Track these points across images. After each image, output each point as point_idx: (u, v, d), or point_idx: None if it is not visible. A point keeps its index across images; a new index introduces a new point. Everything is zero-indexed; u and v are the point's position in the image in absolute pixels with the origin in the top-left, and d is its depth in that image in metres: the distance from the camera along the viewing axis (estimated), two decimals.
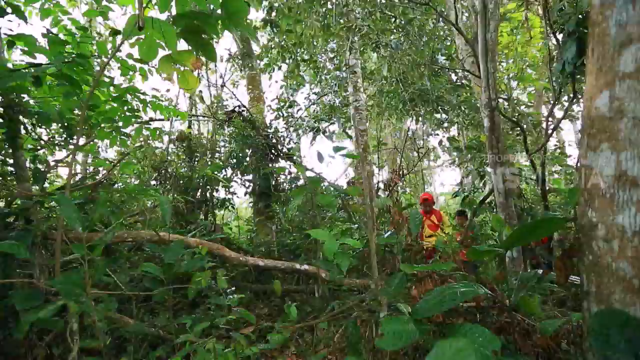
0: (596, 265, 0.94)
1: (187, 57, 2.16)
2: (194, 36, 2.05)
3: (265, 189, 4.43)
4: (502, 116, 3.33)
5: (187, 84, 2.18)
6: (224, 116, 4.48)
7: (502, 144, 3.16)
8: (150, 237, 2.70)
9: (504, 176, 3.18)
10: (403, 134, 11.40)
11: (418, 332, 1.25)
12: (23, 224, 2.12)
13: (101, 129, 2.39)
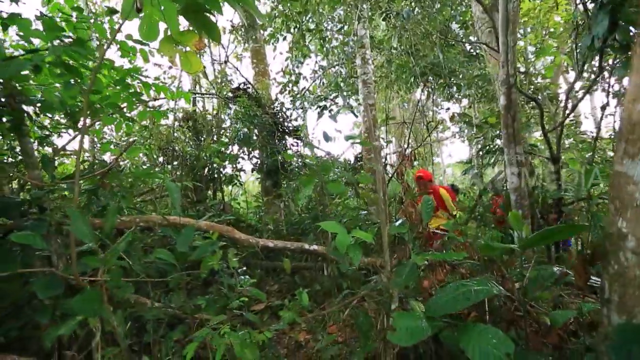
0: (622, 276, 0.91)
1: (190, 38, 2.04)
2: (196, 15, 1.93)
3: (272, 167, 4.40)
4: (519, 92, 3.17)
5: (190, 66, 2.08)
6: (229, 94, 4.35)
7: (517, 122, 3.03)
8: (161, 221, 2.73)
9: (517, 156, 3.09)
10: (411, 105, 11.08)
11: (431, 328, 1.26)
12: (37, 213, 2.15)
13: (105, 114, 2.34)
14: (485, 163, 4.33)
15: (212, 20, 1.94)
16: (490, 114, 4.78)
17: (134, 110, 2.52)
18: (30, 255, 2.04)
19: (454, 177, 18.55)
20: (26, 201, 2.14)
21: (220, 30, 4.72)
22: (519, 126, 3.03)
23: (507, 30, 2.83)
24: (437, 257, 1.77)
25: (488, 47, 3.48)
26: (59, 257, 2.08)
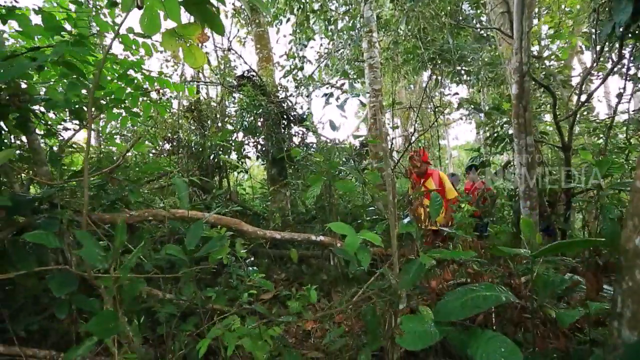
0: (635, 294, 0.90)
1: (193, 31, 1.99)
2: (197, 7, 1.86)
3: (279, 156, 4.37)
4: (532, 80, 3.06)
5: (194, 60, 2.03)
6: (233, 82, 4.27)
7: (529, 112, 2.95)
8: (170, 215, 2.76)
9: (528, 147, 3.03)
10: (418, 87, 10.83)
11: (439, 333, 1.28)
12: (48, 209, 2.18)
13: (110, 110, 2.32)
14: (494, 151, 4.26)
15: (215, 11, 1.88)
16: (499, 99, 4.66)
17: (138, 104, 2.49)
18: (44, 252, 2.09)
19: (460, 160, 18.37)
20: (37, 198, 2.17)
21: (222, 14, 4.49)
22: (530, 116, 2.95)
23: (523, 15, 2.70)
24: (445, 256, 1.77)
25: (501, 33, 3.34)
26: (71, 253, 2.12)
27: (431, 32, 4.49)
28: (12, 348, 1.78)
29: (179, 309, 2.42)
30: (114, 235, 2.50)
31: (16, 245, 1.97)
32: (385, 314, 1.74)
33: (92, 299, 1.97)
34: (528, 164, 3.03)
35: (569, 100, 3.86)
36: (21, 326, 1.93)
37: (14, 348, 1.78)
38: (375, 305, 1.72)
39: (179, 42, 1.98)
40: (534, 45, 4.19)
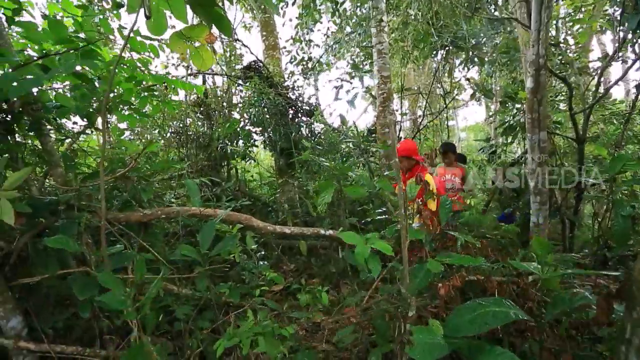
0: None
1: (200, 32, 1.96)
2: (204, 9, 1.82)
3: (286, 146, 4.37)
4: (549, 72, 2.95)
5: (202, 62, 2.01)
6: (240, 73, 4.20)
7: (544, 107, 2.87)
8: (182, 212, 2.81)
9: (541, 142, 2.97)
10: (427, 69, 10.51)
11: (448, 347, 1.33)
12: (65, 210, 2.24)
13: (119, 111, 2.32)
14: (505, 142, 4.18)
15: (222, 14, 1.84)
16: (512, 86, 4.52)
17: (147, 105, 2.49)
18: (64, 253, 2.16)
19: (468, 142, 18.05)
20: (54, 201, 2.22)
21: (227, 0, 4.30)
22: (545, 111, 2.87)
23: (542, 5, 2.57)
24: (454, 262, 1.79)
25: (519, 23, 3.18)
26: (90, 255, 2.20)
27: (443, 15, 4.29)
28: (42, 345, 1.89)
29: (195, 304, 2.52)
30: (129, 234, 2.58)
31: (38, 249, 2.05)
32: (395, 317, 1.79)
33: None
34: (540, 160, 2.99)
35: (585, 90, 3.72)
36: (48, 324, 2.04)
37: (43, 345, 1.89)
38: (385, 310, 1.77)
39: (187, 43, 1.95)
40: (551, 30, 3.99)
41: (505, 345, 1.48)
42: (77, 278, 1.96)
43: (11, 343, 1.82)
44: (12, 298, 1.86)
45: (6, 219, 1.27)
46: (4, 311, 1.82)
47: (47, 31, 1.90)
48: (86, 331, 2.31)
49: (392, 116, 5.44)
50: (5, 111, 1.91)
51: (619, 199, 2.92)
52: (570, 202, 3.85)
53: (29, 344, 1.86)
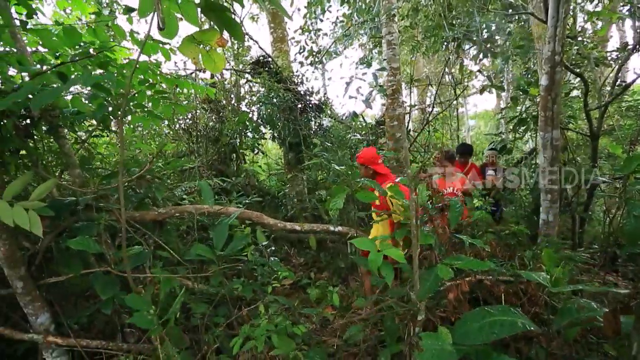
0: None
1: (211, 37, 1.96)
2: (217, 14, 1.83)
3: (295, 141, 4.38)
4: (565, 68, 2.88)
5: (214, 65, 2.02)
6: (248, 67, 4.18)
7: (558, 105, 2.82)
8: (195, 210, 2.88)
9: (553, 141, 2.94)
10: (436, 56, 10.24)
11: (456, 353, 1.38)
12: (84, 210, 2.32)
13: (133, 114, 2.36)
14: (516, 136, 4.12)
15: (233, 18, 1.84)
16: (524, 78, 4.42)
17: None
18: (86, 253, 2.26)
19: (477, 129, 17.72)
20: (74, 202, 2.30)
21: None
22: (559, 109, 2.82)
23: (560, 1, 2.49)
24: (464, 266, 1.83)
25: (535, 17, 3.08)
26: (111, 254, 2.29)
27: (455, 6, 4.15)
28: (69, 340, 2.01)
29: (209, 300, 2.62)
30: (145, 232, 2.65)
31: (61, 248, 2.14)
32: (404, 318, 1.85)
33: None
34: (552, 158, 2.96)
35: (602, 85, 3.60)
36: (73, 320, 2.15)
37: (70, 340, 2.01)
38: (395, 312, 1.83)
39: (198, 48, 1.96)
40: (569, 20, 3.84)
41: (512, 351, 1.52)
42: (98, 277, 2.06)
43: (41, 338, 1.93)
44: (40, 296, 1.97)
45: (35, 230, 1.34)
46: (33, 308, 1.93)
47: (62, 37, 1.92)
48: (107, 325, 2.43)
49: (401, 109, 5.38)
50: (25, 117, 1.96)
51: (631, 198, 2.89)
52: (581, 197, 3.82)
53: (57, 338, 1.97)
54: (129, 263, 2.05)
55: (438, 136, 6.65)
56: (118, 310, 2.37)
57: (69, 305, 2.31)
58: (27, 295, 1.89)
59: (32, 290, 1.92)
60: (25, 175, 1.43)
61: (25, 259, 1.95)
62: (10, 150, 1.91)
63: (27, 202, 1.40)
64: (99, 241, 2.25)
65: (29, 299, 1.91)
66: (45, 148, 2.32)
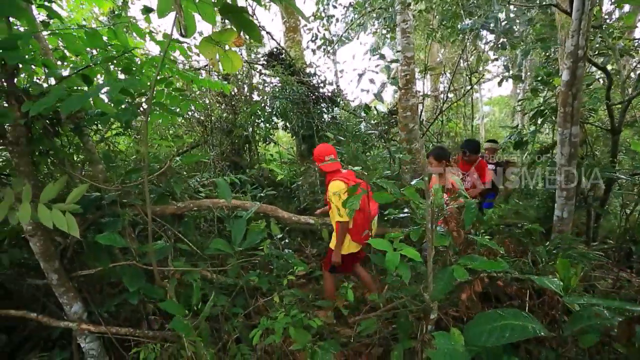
0: None
1: (229, 37, 1.98)
2: (234, 15, 1.85)
3: (308, 133, 4.40)
4: (589, 62, 2.79)
5: (231, 65, 2.05)
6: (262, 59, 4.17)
7: (579, 101, 2.75)
8: (212, 204, 2.97)
9: (572, 137, 2.88)
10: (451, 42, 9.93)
11: (468, 354, 1.44)
12: (109, 205, 2.43)
13: (152, 112, 2.42)
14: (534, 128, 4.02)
15: (251, 20, 1.86)
16: (544, 69, 4.29)
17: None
18: (113, 248, 2.38)
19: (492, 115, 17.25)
20: (99, 197, 2.40)
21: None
22: (579, 105, 2.75)
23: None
24: (478, 267, 1.86)
25: (559, 9, 2.96)
26: (135, 248, 2.40)
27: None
28: (100, 327, 2.15)
29: (227, 291, 2.74)
30: (165, 225, 2.75)
31: (89, 242, 2.26)
32: (417, 316, 1.91)
33: (156, 287, 2.28)
34: (570, 155, 2.91)
35: (627, 78, 3.46)
36: (102, 309, 2.30)
37: (101, 327, 2.15)
38: (409, 310, 1.89)
39: (216, 48, 1.98)
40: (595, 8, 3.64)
41: (522, 352, 1.57)
42: (126, 270, 2.18)
43: (75, 325, 2.08)
44: (72, 287, 2.10)
45: (73, 232, 1.43)
46: (67, 298, 2.06)
47: (84, 39, 1.97)
48: (133, 313, 2.58)
49: (414, 99, 5.30)
50: (52, 118, 2.04)
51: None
52: (598, 191, 3.76)
53: (90, 326, 2.12)
54: (154, 257, 2.15)
55: (451, 126, 6.54)
56: (143, 300, 2.51)
57: (97, 295, 2.46)
58: (61, 286, 2.02)
59: (66, 281, 2.04)
60: (60, 180, 1.51)
61: (58, 253, 2.07)
62: (40, 150, 1.99)
63: (63, 205, 1.49)
64: (123, 235, 2.37)
65: (63, 289, 2.04)
66: (70, 146, 2.40)
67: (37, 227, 1.85)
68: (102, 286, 2.48)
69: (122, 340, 2.33)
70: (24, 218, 1.35)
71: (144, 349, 2.04)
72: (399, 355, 1.83)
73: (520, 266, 2.51)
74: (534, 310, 2.18)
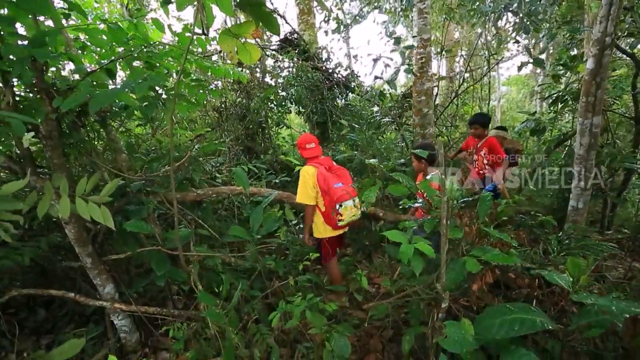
0: None
1: (247, 29, 2.00)
2: (253, 9, 1.86)
3: (322, 119, 4.40)
4: (616, 48, 2.68)
5: (249, 57, 2.08)
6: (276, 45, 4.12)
7: (602, 90, 2.67)
8: (230, 191, 3.07)
9: (593, 128, 2.83)
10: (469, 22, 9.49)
11: (476, 342, 1.52)
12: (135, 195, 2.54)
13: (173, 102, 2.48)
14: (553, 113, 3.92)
15: (270, 12, 1.87)
16: (567, 53, 4.13)
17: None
18: (139, 234, 2.52)
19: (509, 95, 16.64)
20: (123, 185, 2.52)
21: None
22: (602, 94, 2.68)
23: None
24: (489, 259, 1.91)
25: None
26: (159, 234, 2.54)
27: None
28: (130, 306, 2.33)
29: (246, 274, 2.88)
30: (185, 211, 2.87)
31: (117, 230, 2.40)
32: (429, 304, 2.00)
33: (180, 270, 2.43)
34: (589, 146, 2.86)
35: None
36: (132, 289, 2.47)
37: (132, 306, 2.33)
38: (421, 298, 1.98)
39: (235, 40, 2.00)
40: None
41: (529, 342, 1.65)
42: (152, 255, 2.32)
43: (109, 304, 2.25)
44: (104, 269, 2.26)
45: (108, 223, 1.54)
46: (100, 280, 2.23)
47: (107, 33, 2.01)
48: (159, 293, 2.76)
49: (429, 83, 5.19)
50: (79, 111, 2.12)
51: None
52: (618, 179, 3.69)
53: (122, 305, 2.29)
54: (180, 242, 2.28)
55: (467, 109, 6.39)
56: (167, 281, 2.67)
57: (125, 276, 2.63)
58: (95, 269, 2.18)
59: (99, 265, 2.20)
60: (94, 175, 1.61)
61: (90, 238, 2.21)
62: (70, 142, 2.09)
63: (97, 197, 1.59)
64: (147, 221, 2.50)
65: (96, 272, 2.20)
66: (95, 137, 2.50)
67: (71, 216, 1.98)
68: (129, 268, 2.64)
69: (150, 319, 2.51)
70: (65, 212, 1.46)
71: (172, 326, 2.21)
72: (410, 340, 1.93)
73: (532, 256, 2.56)
74: (543, 300, 2.25)
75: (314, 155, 2.99)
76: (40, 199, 1.46)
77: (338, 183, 2.86)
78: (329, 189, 2.81)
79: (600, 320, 1.33)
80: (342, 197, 2.84)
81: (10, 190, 1.30)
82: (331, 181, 2.83)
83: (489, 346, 1.57)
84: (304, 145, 2.99)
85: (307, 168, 2.86)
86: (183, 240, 2.45)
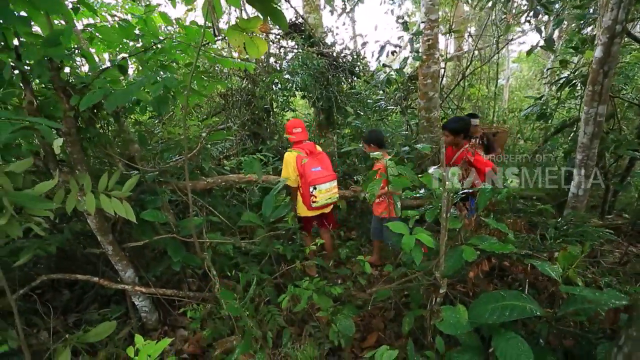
0: (637, 341, 1.16)
1: (255, 24, 2.04)
2: (261, 3, 1.90)
3: (327, 104, 4.42)
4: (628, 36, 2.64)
5: (257, 51, 2.13)
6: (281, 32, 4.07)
7: (609, 80, 2.66)
8: (238, 179, 3.18)
9: (598, 116, 2.84)
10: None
11: (470, 325, 1.66)
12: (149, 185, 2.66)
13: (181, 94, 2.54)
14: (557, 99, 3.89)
15: (277, 7, 1.90)
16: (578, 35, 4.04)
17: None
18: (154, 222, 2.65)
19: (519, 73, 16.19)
20: (139, 176, 2.63)
21: None
22: (609, 83, 2.67)
23: None
24: (486, 248, 2.02)
25: None
26: (174, 223, 2.67)
27: None
28: (150, 289, 2.50)
29: (256, 258, 3.04)
30: (196, 199, 2.99)
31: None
32: (428, 289, 2.14)
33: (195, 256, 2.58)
34: (593, 134, 2.88)
35: None
36: (150, 274, 2.64)
37: (151, 289, 2.50)
38: (421, 284, 2.11)
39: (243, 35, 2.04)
40: None
41: (519, 325, 1.79)
42: (168, 242, 2.47)
43: (130, 287, 2.43)
44: (125, 256, 2.42)
45: (130, 217, 1.66)
46: (121, 266, 2.39)
47: (118, 30, 2.05)
48: (174, 276, 2.95)
49: (436, 66, 5.12)
50: (94, 108, 2.20)
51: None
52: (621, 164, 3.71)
53: (142, 288, 2.47)
54: (194, 230, 2.41)
55: (473, 91, 6.30)
56: (182, 266, 2.84)
57: (143, 261, 2.80)
58: (116, 255, 2.33)
59: (119, 251, 2.35)
60: (115, 173, 1.71)
61: (109, 227, 2.35)
62: (87, 137, 2.19)
63: (119, 192, 1.71)
64: (162, 209, 2.63)
65: (118, 258, 2.35)
66: (109, 130, 2.59)
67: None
68: (145, 254, 2.81)
69: (168, 300, 2.70)
70: (91, 208, 1.58)
71: (189, 307, 2.39)
72: (409, 321, 2.09)
73: (529, 242, 2.66)
74: (536, 283, 2.37)
75: (300, 139, 3.18)
76: (68, 196, 1.58)
77: (317, 167, 3.08)
78: (305, 172, 3.02)
79: (586, 308, 1.44)
80: (315, 180, 3.02)
81: (42, 191, 1.41)
82: (309, 165, 3.04)
83: (481, 328, 1.71)
84: (291, 130, 3.18)
85: (290, 152, 3.09)
86: (196, 228, 2.59)
